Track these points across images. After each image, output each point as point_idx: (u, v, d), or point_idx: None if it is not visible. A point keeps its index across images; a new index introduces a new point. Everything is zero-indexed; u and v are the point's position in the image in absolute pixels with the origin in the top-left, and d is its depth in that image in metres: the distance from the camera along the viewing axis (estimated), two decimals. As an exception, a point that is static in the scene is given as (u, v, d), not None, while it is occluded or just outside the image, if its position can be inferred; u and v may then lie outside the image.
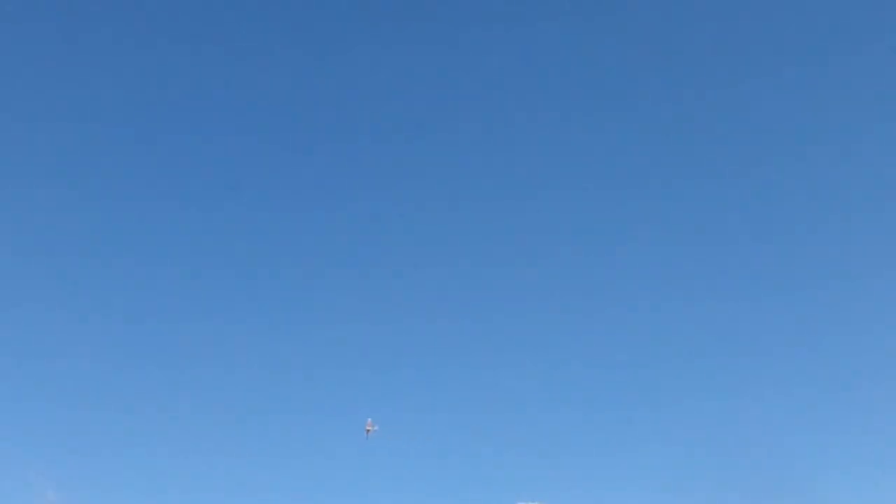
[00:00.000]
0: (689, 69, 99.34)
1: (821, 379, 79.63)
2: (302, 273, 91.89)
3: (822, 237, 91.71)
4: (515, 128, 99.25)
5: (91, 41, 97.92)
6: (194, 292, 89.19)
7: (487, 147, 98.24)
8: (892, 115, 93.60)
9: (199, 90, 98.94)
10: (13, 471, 73.31)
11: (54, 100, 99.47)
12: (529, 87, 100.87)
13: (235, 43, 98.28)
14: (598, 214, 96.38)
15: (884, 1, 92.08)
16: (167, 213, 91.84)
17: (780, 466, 71.22)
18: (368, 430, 78.67)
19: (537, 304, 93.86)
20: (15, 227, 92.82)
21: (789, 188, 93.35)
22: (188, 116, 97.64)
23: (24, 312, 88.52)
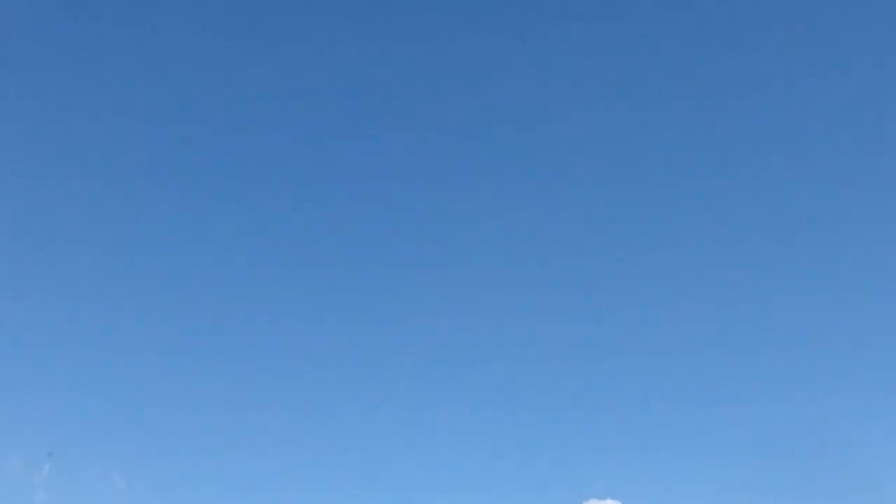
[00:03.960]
0: (697, 69, 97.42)
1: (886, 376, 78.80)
2: (309, 271, 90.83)
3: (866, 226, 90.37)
4: (519, 127, 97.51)
5: (94, 38, 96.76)
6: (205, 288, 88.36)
7: (491, 147, 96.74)
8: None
9: (201, 88, 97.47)
10: (82, 459, 73.85)
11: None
12: (534, 87, 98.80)
13: (238, 40, 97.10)
14: (616, 214, 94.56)
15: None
16: (168, 210, 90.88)
17: (843, 465, 70.12)
18: None
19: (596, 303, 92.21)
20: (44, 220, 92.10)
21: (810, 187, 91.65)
22: (187, 115, 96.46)
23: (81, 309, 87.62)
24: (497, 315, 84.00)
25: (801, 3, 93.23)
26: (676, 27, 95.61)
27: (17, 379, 75.00)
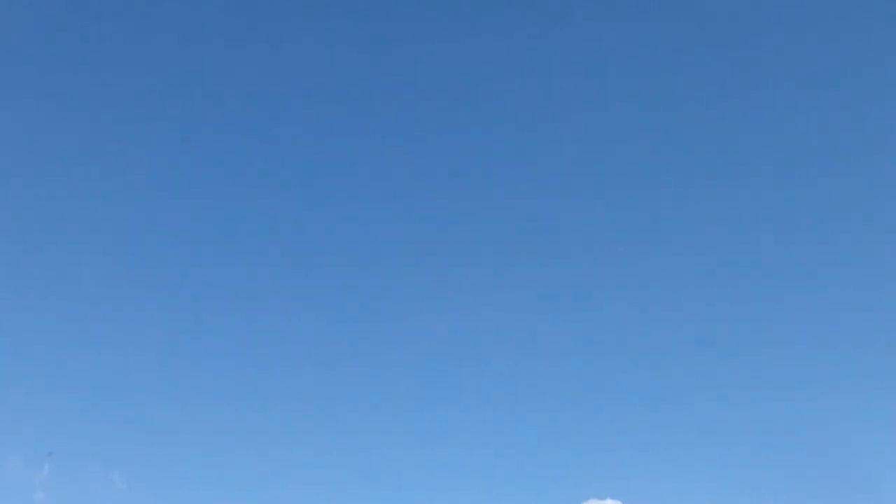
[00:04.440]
0: (697, 69, 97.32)
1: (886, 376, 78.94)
2: (310, 272, 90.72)
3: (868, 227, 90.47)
4: (519, 127, 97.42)
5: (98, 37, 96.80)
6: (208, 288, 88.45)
7: (491, 147, 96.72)
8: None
9: (201, 88, 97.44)
10: (82, 459, 74.17)
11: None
12: (534, 87, 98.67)
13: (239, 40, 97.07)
14: (616, 214, 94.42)
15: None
16: (168, 210, 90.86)
17: (843, 465, 70.11)
18: None
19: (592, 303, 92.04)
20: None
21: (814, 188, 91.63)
22: (187, 114, 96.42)
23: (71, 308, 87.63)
24: (497, 315, 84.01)
25: (801, 3, 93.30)
26: (676, 27, 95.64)
27: (17, 379, 75.07)
